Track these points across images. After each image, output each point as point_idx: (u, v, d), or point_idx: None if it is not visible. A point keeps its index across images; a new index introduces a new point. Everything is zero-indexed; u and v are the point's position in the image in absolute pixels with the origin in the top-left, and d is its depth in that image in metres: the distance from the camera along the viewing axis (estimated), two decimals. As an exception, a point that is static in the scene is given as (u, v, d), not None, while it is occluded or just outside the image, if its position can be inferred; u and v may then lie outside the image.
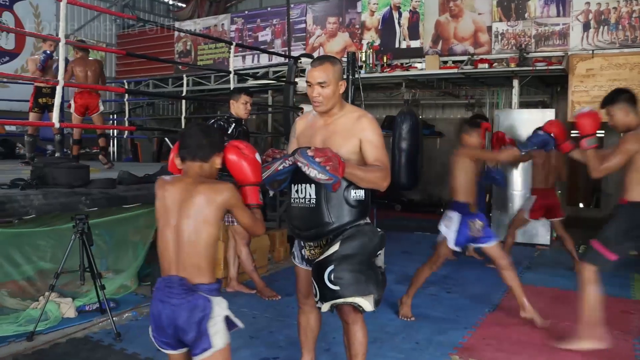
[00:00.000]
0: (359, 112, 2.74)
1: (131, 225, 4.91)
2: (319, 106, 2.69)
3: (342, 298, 2.55)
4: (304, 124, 2.89)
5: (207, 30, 11.26)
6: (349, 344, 2.77)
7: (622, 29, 7.40)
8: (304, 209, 2.67)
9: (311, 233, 2.71)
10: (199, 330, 2.10)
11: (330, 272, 2.55)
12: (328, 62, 2.70)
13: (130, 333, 3.96)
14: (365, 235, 2.63)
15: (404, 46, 9.00)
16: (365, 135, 2.63)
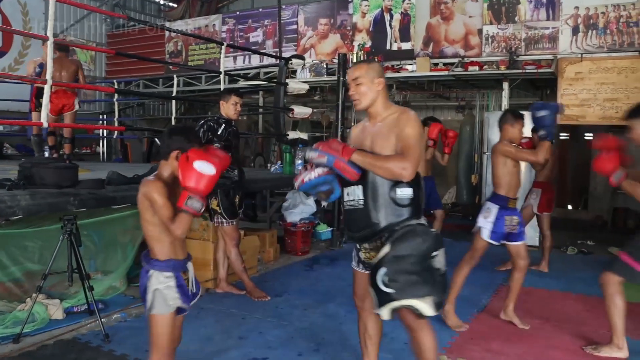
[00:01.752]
0: (401, 110, 2.75)
1: (120, 226, 4.89)
2: (357, 103, 2.78)
3: (397, 301, 2.52)
4: (358, 131, 2.92)
5: (198, 30, 11.23)
6: (417, 352, 2.74)
7: (610, 33, 7.46)
8: (354, 211, 2.70)
9: (362, 234, 2.72)
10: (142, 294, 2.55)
11: (383, 274, 2.53)
12: (363, 62, 2.88)
13: (119, 334, 3.94)
14: (417, 236, 2.58)
15: (395, 48, 9.02)
16: (400, 129, 2.64)
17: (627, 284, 3.70)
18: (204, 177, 2.37)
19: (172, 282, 2.50)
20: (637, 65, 7.23)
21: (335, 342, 3.91)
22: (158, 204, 2.40)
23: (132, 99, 12.37)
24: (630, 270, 3.59)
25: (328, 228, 7.47)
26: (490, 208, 4.19)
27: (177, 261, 2.55)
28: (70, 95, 6.44)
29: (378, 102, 2.76)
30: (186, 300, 2.56)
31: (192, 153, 2.39)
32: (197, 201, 2.38)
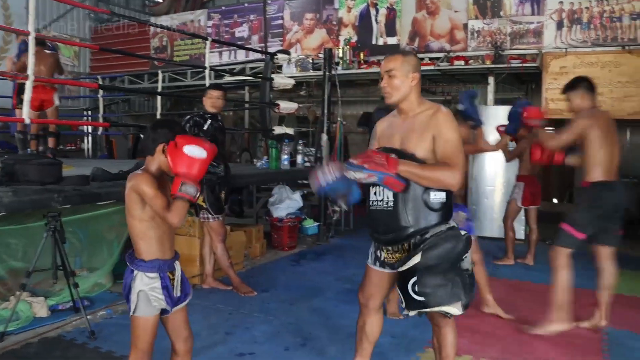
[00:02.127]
0: (435, 108, 2.62)
1: (106, 222, 4.85)
2: (388, 97, 2.65)
3: (429, 308, 2.48)
4: (385, 125, 2.80)
5: (183, 25, 11.17)
6: (440, 346, 2.74)
7: (593, 28, 7.52)
8: (382, 212, 2.59)
9: (389, 237, 2.61)
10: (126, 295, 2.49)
11: (413, 283, 2.46)
12: (399, 53, 2.68)
13: (105, 331, 3.92)
14: (448, 242, 2.48)
15: (380, 43, 9.02)
16: (438, 131, 2.51)
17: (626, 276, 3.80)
18: (195, 161, 2.32)
19: (157, 283, 2.43)
20: (620, 59, 7.29)
21: (322, 337, 3.91)
22: (149, 195, 2.33)
23: (117, 94, 12.29)
24: (570, 237, 3.83)
25: (315, 223, 7.47)
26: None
27: (163, 261, 2.46)
28: (48, 91, 6.36)
29: (411, 98, 2.63)
30: (170, 302, 2.47)
31: (180, 139, 2.35)
32: (191, 186, 2.32)
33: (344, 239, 7.59)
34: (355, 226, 8.43)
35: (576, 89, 3.93)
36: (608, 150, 3.78)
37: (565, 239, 3.86)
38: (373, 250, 2.80)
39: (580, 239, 3.83)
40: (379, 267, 2.77)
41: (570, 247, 3.84)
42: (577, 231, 3.82)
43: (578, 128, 3.76)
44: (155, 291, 2.43)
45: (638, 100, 7.22)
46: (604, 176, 3.78)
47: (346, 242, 7.38)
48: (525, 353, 3.68)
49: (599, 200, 3.79)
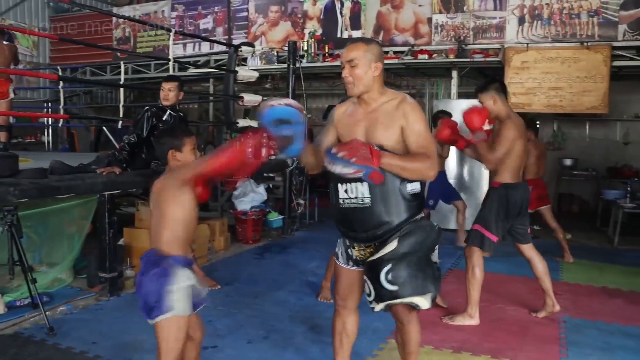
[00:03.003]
0: (400, 97, 2.55)
1: (66, 216, 4.78)
2: (350, 88, 2.54)
3: (401, 298, 2.45)
4: (343, 112, 2.71)
5: (146, 16, 10.98)
6: (404, 343, 2.71)
7: (554, 24, 7.65)
8: (357, 210, 2.49)
9: (368, 235, 2.53)
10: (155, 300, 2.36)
11: (387, 271, 2.43)
12: (360, 42, 2.55)
13: (64, 327, 3.87)
14: (423, 231, 2.49)
15: (345, 36, 9.02)
16: (407, 122, 2.46)
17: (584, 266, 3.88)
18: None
19: (194, 280, 2.43)
20: (579, 55, 7.45)
21: (285, 330, 3.93)
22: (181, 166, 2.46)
23: (78, 86, 12.03)
24: (485, 239, 3.96)
25: (279, 216, 7.47)
26: None
27: (189, 259, 2.51)
28: (3, 83, 6.20)
29: (374, 88, 2.54)
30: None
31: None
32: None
33: (309, 232, 7.61)
34: (319, 219, 8.46)
35: (487, 90, 3.95)
36: (521, 156, 3.94)
37: (480, 241, 3.98)
38: (343, 250, 2.73)
39: (495, 242, 3.97)
40: (351, 266, 2.71)
41: (485, 249, 3.98)
42: (491, 233, 3.96)
43: (508, 141, 3.82)
44: (194, 286, 2.42)
45: (596, 95, 7.38)
46: (513, 179, 3.95)
47: (311, 235, 7.39)
48: (485, 342, 3.75)
49: (509, 200, 3.95)
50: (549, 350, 3.65)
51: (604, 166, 9.58)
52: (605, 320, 4.25)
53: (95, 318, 4.11)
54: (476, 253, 3.99)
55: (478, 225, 4.00)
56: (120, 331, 3.84)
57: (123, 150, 4.65)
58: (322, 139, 2.73)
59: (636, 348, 3.72)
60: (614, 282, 5.32)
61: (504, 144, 3.82)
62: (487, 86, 3.96)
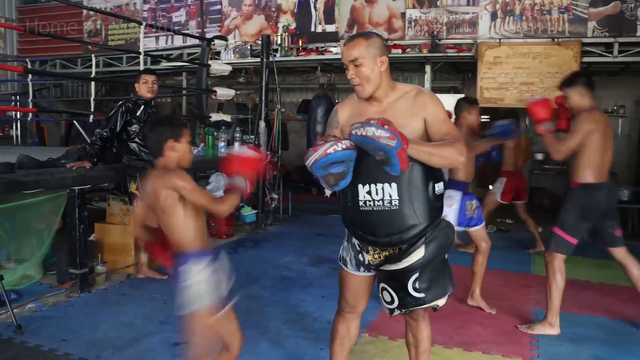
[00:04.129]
0: (415, 89, 2.43)
1: (34, 212, 4.68)
2: (359, 90, 2.37)
3: (426, 304, 2.37)
4: (348, 112, 2.50)
5: (118, 9, 10.81)
6: (417, 341, 2.65)
7: (525, 20, 7.73)
8: (384, 213, 2.27)
9: (393, 239, 2.32)
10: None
11: (415, 280, 2.32)
12: (360, 37, 2.37)
13: (33, 325, 3.80)
14: (444, 233, 2.38)
15: (319, 30, 9.01)
16: (429, 112, 2.34)
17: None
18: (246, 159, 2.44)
19: (209, 272, 2.38)
20: (550, 51, 7.54)
21: (258, 325, 3.91)
22: (188, 189, 2.30)
23: (48, 79, 11.81)
24: (564, 242, 3.77)
25: (252, 211, 7.43)
26: (453, 195, 4.15)
27: (208, 250, 2.45)
28: None
29: (383, 84, 2.37)
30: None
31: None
32: (242, 180, 2.42)
33: (282, 227, 7.59)
34: (293, 213, 8.45)
35: (574, 85, 3.78)
36: (599, 152, 3.71)
37: (559, 244, 3.79)
38: (352, 255, 2.54)
39: (574, 245, 3.78)
40: (362, 272, 2.53)
41: (564, 252, 3.79)
42: (570, 236, 3.76)
43: (580, 134, 3.64)
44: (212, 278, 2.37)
45: (566, 91, 7.47)
46: (595, 179, 3.72)
47: (284, 230, 7.38)
48: (457, 336, 3.79)
49: (589, 202, 3.74)
50: (520, 342, 3.70)
51: (575, 160, 9.71)
52: (575, 311, 4.32)
53: (65, 315, 4.05)
54: (557, 258, 3.79)
55: (557, 228, 3.81)
56: (91, 328, 3.78)
57: (94, 145, 4.59)
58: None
59: (605, 338, 3.79)
60: (585, 275, 5.41)
61: (575, 136, 3.64)
62: (575, 80, 3.79)
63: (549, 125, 3.70)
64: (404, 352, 3.41)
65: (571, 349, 3.61)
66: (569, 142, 3.66)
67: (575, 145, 3.66)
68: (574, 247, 3.79)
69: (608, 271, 5.57)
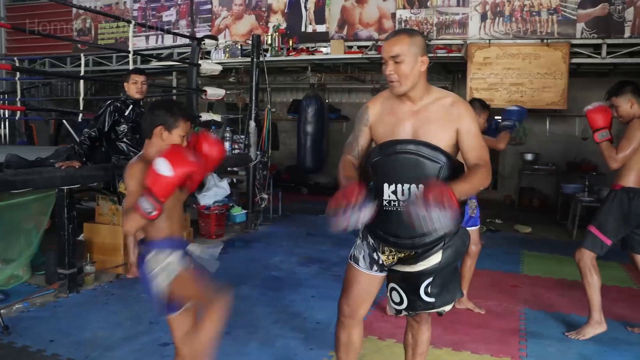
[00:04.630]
0: (452, 97, 2.37)
1: (22, 211, 4.65)
2: (396, 86, 2.31)
3: (435, 308, 2.39)
4: (379, 109, 2.45)
5: (108, 8, 10.75)
6: (416, 343, 2.65)
7: (515, 21, 7.77)
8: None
9: (414, 242, 2.27)
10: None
11: (427, 284, 2.34)
12: (404, 34, 2.32)
13: (20, 325, 3.77)
14: (460, 240, 2.38)
15: (310, 30, 9.00)
16: (463, 125, 2.29)
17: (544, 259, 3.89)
18: (159, 177, 2.11)
19: (174, 257, 2.29)
20: (539, 52, 7.58)
21: (248, 325, 3.90)
22: (128, 189, 2.21)
23: (36, 78, 11.74)
24: (598, 241, 3.75)
25: (242, 211, 7.42)
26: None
27: (177, 239, 2.35)
28: None
29: (419, 85, 2.33)
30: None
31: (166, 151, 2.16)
32: (146, 201, 2.10)
33: (273, 227, 7.58)
34: (283, 213, 8.44)
35: (622, 94, 3.73)
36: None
37: (593, 243, 3.77)
38: (366, 254, 2.46)
39: (608, 245, 3.75)
40: (375, 272, 2.45)
41: (597, 251, 3.76)
42: (605, 237, 3.73)
43: (637, 140, 3.61)
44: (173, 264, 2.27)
45: (555, 91, 7.53)
46: (637, 183, 3.70)
47: (274, 230, 7.37)
48: (446, 335, 3.80)
49: (630, 206, 3.70)
50: (509, 342, 3.72)
51: (564, 161, 9.79)
52: (564, 311, 4.35)
53: (54, 315, 4.03)
54: (588, 256, 3.76)
55: (594, 228, 3.78)
56: (79, 328, 3.77)
57: (83, 144, 4.56)
58: (353, 143, 2.50)
59: (593, 338, 3.80)
60: (573, 274, 5.41)
61: (632, 143, 3.61)
62: (623, 88, 3.74)
63: (606, 133, 3.70)
64: (394, 352, 3.43)
65: (559, 349, 3.64)
66: (625, 150, 3.64)
67: (631, 154, 3.64)
68: (607, 249, 3.77)
69: (596, 271, 5.62)
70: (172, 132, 2.28)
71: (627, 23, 7.24)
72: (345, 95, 11.67)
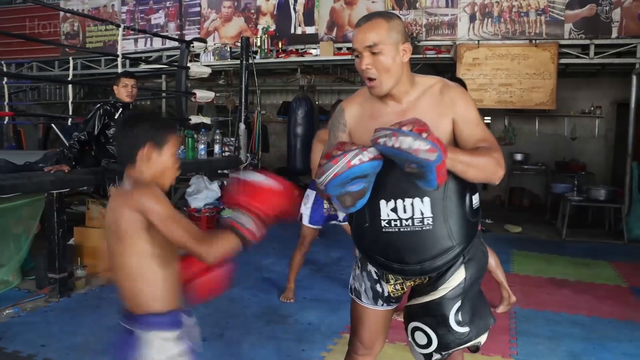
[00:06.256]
0: (439, 82, 1.96)
1: (12, 216, 4.63)
2: (376, 86, 1.87)
3: (471, 341, 1.96)
4: (357, 111, 2.02)
5: (95, 11, 10.73)
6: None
7: (503, 22, 7.82)
8: (414, 235, 1.85)
9: (424, 266, 1.89)
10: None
11: (457, 311, 1.93)
12: (380, 18, 1.86)
13: (11, 331, 3.75)
14: (481, 253, 2.04)
15: (299, 32, 9.02)
16: (458, 112, 1.90)
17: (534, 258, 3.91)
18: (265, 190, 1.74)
19: (181, 347, 1.73)
20: (527, 52, 7.63)
21: (239, 326, 3.91)
22: (162, 214, 1.61)
23: (24, 82, 11.67)
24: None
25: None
26: (309, 194, 4.38)
27: (179, 313, 1.77)
28: None
29: (404, 79, 1.90)
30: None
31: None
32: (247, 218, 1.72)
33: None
34: (275, 215, 8.42)
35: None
36: None
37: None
38: (368, 286, 2.09)
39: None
40: (381, 306, 2.10)
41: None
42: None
43: None
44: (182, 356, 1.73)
45: (544, 92, 7.58)
46: None
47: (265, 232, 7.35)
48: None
49: None
50: (499, 340, 3.73)
51: (553, 161, 9.86)
52: (553, 309, 4.38)
53: (45, 320, 4.01)
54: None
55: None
56: (71, 333, 3.75)
57: (72, 148, 4.55)
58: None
59: (582, 335, 3.84)
60: (562, 273, 5.48)
61: None
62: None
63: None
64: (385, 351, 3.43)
65: (549, 346, 3.66)
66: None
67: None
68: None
69: (585, 269, 5.67)
70: (163, 151, 1.75)
71: (614, 24, 7.30)
72: (335, 97, 11.67)
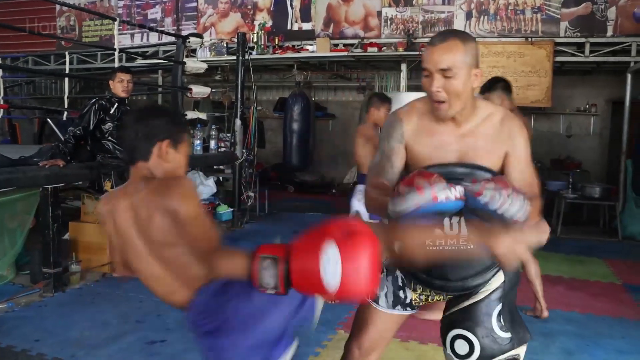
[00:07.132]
0: (500, 112, 1.92)
1: (6, 210, 4.62)
2: (443, 109, 1.81)
3: (514, 349, 1.88)
4: (415, 126, 1.95)
5: (92, 5, 10.69)
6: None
7: (500, 19, 7.83)
8: (459, 253, 1.78)
9: (467, 283, 1.89)
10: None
11: (499, 313, 1.88)
12: (456, 39, 1.79)
13: (5, 325, 3.75)
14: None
15: (295, 28, 9.01)
16: (514, 147, 1.87)
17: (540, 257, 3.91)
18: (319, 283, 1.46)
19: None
20: (523, 50, 7.64)
21: (235, 322, 3.91)
22: (191, 214, 1.58)
23: (19, 76, 11.63)
24: None
25: (229, 209, 7.41)
26: (360, 189, 4.26)
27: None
28: None
29: (468, 104, 1.85)
30: None
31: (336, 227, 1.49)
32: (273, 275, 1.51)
33: (259, 225, 7.58)
34: (270, 211, 8.44)
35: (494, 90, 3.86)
36: None
37: None
38: (390, 291, 2.04)
39: None
40: (397, 310, 2.05)
41: None
42: None
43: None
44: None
45: (540, 89, 7.60)
46: None
47: (261, 228, 7.37)
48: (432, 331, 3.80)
49: None
50: (493, 337, 3.75)
51: (548, 158, 9.88)
52: (548, 306, 4.39)
53: (39, 315, 4.01)
54: None
55: None
56: (65, 328, 3.75)
57: (68, 143, 4.54)
58: (384, 163, 1.97)
59: (576, 332, 3.87)
60: (557, 270, 5.50)
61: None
62: (493, 85, 3.87)
63: None
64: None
65: (543, 342, 3.68)
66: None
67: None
68: None
69: (579, 266, 5.70)
70: (179, 149, 1.69)
71: (609, 22, 7.32)
72: (332, 93, 11.68)
